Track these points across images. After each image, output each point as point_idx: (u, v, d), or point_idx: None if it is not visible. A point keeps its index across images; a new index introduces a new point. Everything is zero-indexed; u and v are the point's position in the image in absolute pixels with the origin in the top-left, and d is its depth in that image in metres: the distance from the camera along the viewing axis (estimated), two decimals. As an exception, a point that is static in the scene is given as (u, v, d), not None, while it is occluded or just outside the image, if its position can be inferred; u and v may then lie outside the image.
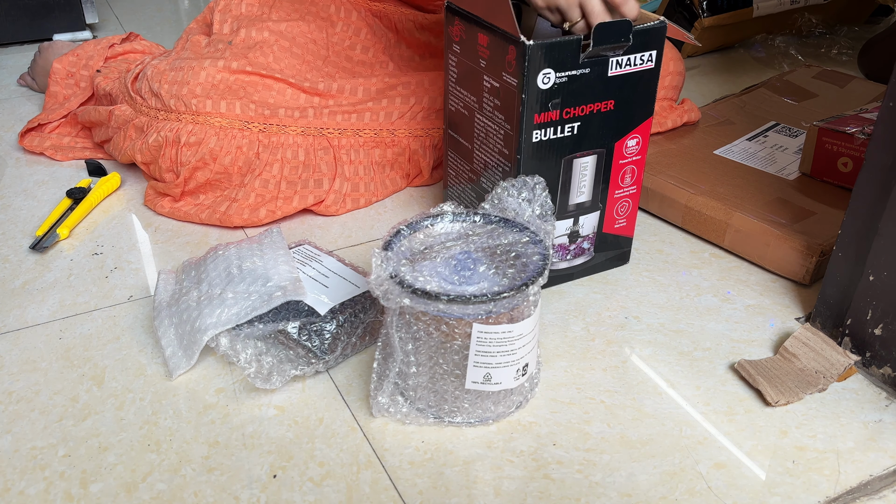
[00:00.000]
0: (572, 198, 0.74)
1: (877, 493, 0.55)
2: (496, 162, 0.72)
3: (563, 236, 0.75)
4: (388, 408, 0.59)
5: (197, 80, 0.86)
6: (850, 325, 0.67)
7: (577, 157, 0.71)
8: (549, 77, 0.65)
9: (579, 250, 0.77)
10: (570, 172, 0.72)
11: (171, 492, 0.54)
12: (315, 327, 0.64)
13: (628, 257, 0.81)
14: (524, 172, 0.69)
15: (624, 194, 0.76)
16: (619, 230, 0.78)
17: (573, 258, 0.77)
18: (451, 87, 0.77)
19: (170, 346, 0.66)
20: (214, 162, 0.85)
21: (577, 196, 0.74)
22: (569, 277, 0.78)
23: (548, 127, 0.68)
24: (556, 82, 0.66)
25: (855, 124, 0.86)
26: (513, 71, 0.65)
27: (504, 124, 0.69)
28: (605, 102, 0.69)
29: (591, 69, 0.67)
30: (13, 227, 0.87)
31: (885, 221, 0.61)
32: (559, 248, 0.76)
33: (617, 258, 0.80)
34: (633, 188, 0.76)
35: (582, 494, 0.54)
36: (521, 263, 0.57)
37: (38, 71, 1.22)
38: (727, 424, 0.61)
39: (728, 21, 1.36)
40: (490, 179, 0.75)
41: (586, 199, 0.74)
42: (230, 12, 0.95)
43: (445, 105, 0.79)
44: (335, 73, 0.93)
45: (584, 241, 0.77)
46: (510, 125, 0.68)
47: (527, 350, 0.58)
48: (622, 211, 0.77)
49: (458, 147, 0.79)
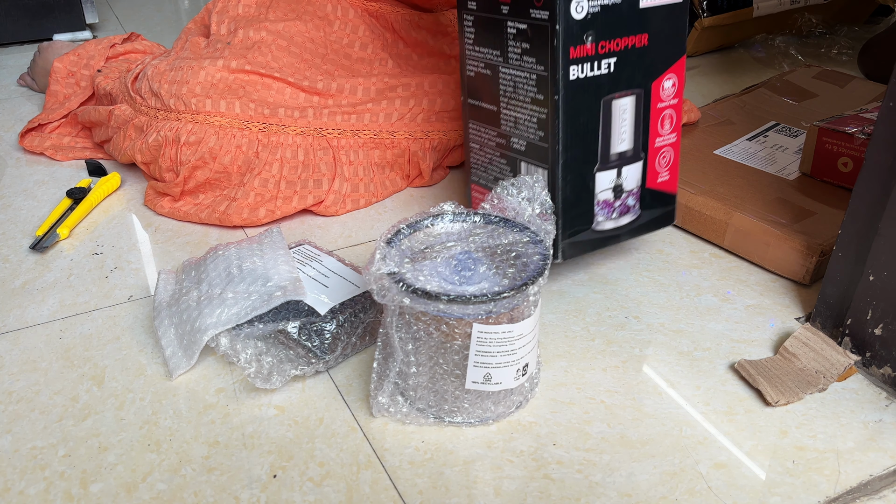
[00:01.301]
0: (614, 145, 0.71)
1: (877, 493, 0.55)
2: (528, 115, 0.70)
3: (608, 191, 0.72)
4: (388, 408, 0.59)
5: (196, 80, 0.86)
6: (850, 325, 0.67)
7: (615, 98, 0.69)
8: (583, 5, 0.64)
9: (625, 208, 0.74)
10: (610, 116, 0.69)
11: (171, 492, 0.54)
12: (315, 327, 0.64)
13: (673, 216, 0.78)
14: (563, 116, 0.67)
15: (664, 143, 0.73)
16: (663, 185, 0.75)
17: (619, 217, 0.74)
18: (468, 52, 0.75)
19: (170, 346, 0.66)
20: (214, 161, 0.85)
21: (619, 143, 0.71)
22: (615, 240, 0.75)
23: (584, 62, 0.66)
24: (590, 12, 0.64)
25: (855, 124, 0.86)
26: (542, 4, 0.64)
27: (536, 67, 0.67)
28: (639, 36, 0.68)
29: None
30: (13, 227, 0.87)
31: (885, 221, 0.61)
32: (604, 205, 0.72)
33: (663, 218, 0.77)
34: (674, 136, 0.74)
35: (582, 494, 0.54)
36: (522, 263, 0.57)
37: (37, 71, 1.22)
38: (727, 424, 0.61)
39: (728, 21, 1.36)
40: (522, 136, 0.72)
41: (628, 146, 0.71)
42: (227, 13, 0.95)
43: (463, 75, 0.77)
44: (334, 72, 0.93)
45: (629, 198, 0.73)
46: (543, 66, 0.66)
47: (527, 350, 0.58)
48: (664, 162, 0.74)
49: (480, 113, 0.76)
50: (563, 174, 0.69)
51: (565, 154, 0.69)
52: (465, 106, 0.78)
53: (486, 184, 0.80)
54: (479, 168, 0.80)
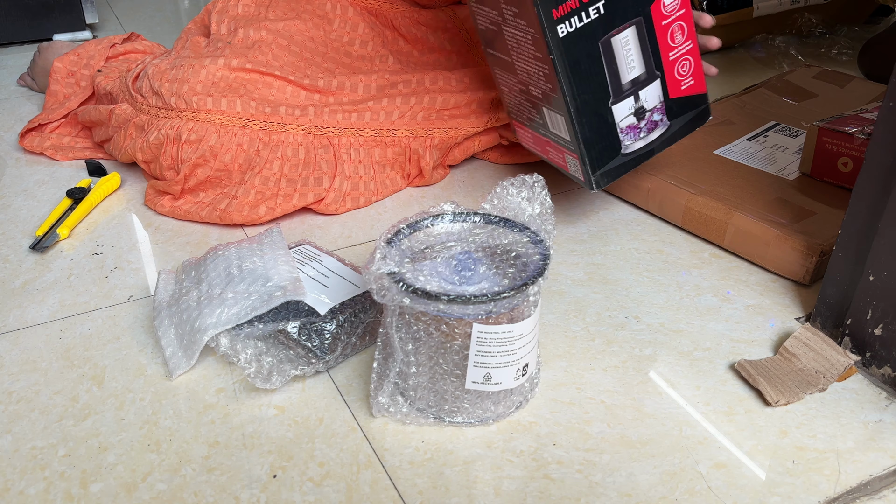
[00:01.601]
0: (624, 76, 0.71)
1: (877, 493, 0.55)
2: (535, 69, 0.71)
3: (629, 117, 0.73)
4: (388, 408, 0.59)
5: (197, 78, 0.86)
6: (850, 325, 0.67)
7: (613, 35, 0.69)
8: None
9: (652, 125, 0.75)
10: (612, 53, 0.70)
11: (171, 492, 0.54)
12: (315, 327, 0.64)
13: (708, 112, 0.79)
14: (563, 71, 0.67)
15: (680, 52, 0.74)
16: (689, 90, 0.76)
17: (647, 134, 0.75)
18: (474, 9, 0.76)
19: (170, 346, 0.66)
20: (215, 159, 0.85)
21: (629, 72, 0.72)
22: (649, 155, 0.77)
23: (571, 17, 0.66)
24: None
25: (855, 124, 0.86)
26: None
27: (528, 29, 0.68)
28: None
29: None
30: (13, 227, 0.87)
31: (885, 221, 0.61)
32: (630, 130, 0.74)
33: (697, 118, 0.78)
34: (689, 43, 0.74)
35: (582, 494, 0.54)
36: (522, 263, 0.57)
37: (37, 71, 1.22)
38: (727, 424, 0.61)
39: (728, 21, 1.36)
40: (536, 86, 0.73)
41: (640, 72, 0.72)
42: (227, 13, 0.95)
43: (476, 27, 0.78)
44: (335, 69, 0.93)
45: (653, 114, 0.75)
46: (534, 28, 0.67)
47: (527, 350, 0.58)
48: (684, 70, 0.75)
49: (499, 62, 0.77)
50: (577, 119, 0.71)
51: (575, 102, 0.70)
52: (488, 55, 0.80)
53: (524, 121, 0.83)
54: (514, 108, 0.82)
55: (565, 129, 0.73)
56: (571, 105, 0.70)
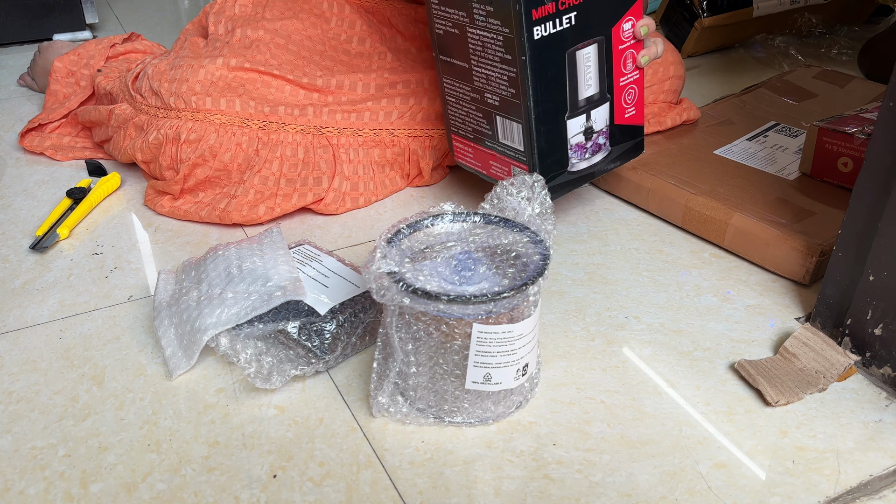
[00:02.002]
0: (581, 92, 0.74)
1: (877, 493, 0.55)
2: (499, 73, 0.72)
3: (579, 135, 0.76)
4: (388, 408, 0.59)
5: (196, 78, 0.86)
6: (850, 325, 0.67)
7: (578, 48, 0.71)
8: None
9: (596, 147, 0.78)
10: (576, 66, 0.72)
11: (171, 492, 0.54)
12: (315, 327, 0.64)
13: (643, 146, 0.82)
14: (531, 73, 0.69)
15: (628, 81, 0.77)
16: (630, 119, 0.79)
17: (591, 156, 0.78)
18: (434, 11, 0.77)
19: (170, 346, 0.66)
20: (214, 159, 0.85)
21: (586, 89, 0.74)
22: (589, 177, 0.79)
23: (546, 21, 0.68)
24: None
25: (855, 124, 0.86)
26: None
27: (501, 29, 0.69)
28: None
29: None
30: (13, 227, 0.87)
31: (885, 221, 0.61)
32: (577, 148, 0.76)
33: (632, 149, 0.81)
34: (636, 73, 0.77)
35: (582, 494, 0.54)
36: (522, 263, 0.57)
37: (37, 71, 1.22)
38: (727, 424, 0.61)
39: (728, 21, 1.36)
40: (495, 93, 0.74)
41: (594, 91, 0.75)
42: (224, 13, 0.95)
43: (431, 32, 0.79)
44: (334, 67, 0.93)
45: (599, 136, 0.77)
46: (508, 28, 0.68)
47: (527, 350, 0.58)
48: (629, 99, 0.78)
49: (453, 69, 0.78)
50: (536, 127, 0.73)
51: (537, 109, 0.72)
52: (438, 61, 0.81)
53: (466, 135, 0.83)
54: (458, 120, 0.83)
55: (519, 139, 0.75)
56: (533, 111, 0.72)
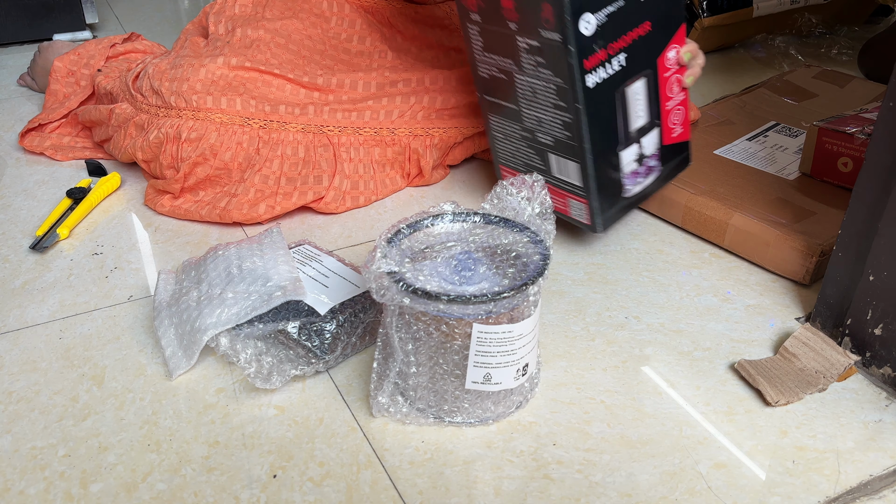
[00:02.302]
0: (632, 125, 0.75)
1: (877, 493, 0.55)
2: (552, 117, 0.73)
3: (633, 163, 0.77)
4: (388, 408, 0.59)
5: (197, 77, 0.86)
6: (850, 325, 0.67)
7: (628, 85, 0.73)
8: (590, 21, 0.66)
9: (648, 170, 0.79)
10: (626, 102, 0.73)
11: (171, 492, 0.54)
12: (315, 327, 0.64)
13: (689, 159, 0.84)
14: (587, 118, 0.70)
15: (675, 103, 0.78)
16: (678, 137, 0.81)
17: (644, 178, 0.79)
18: (477, 56, 0.77)
19: (170, 346, 0.66)
20: (214, 157, 0.85)
21: (637, 121, 0.75)
22: (645, 198, 0.81)
23: (598, 69, 0.69)
24: (597, 24, 0.67)
25: (855, 124, 0.86)
26: (552, 26, 0.66)
27: (553, 79, 0.70)
28: (642, 26, 0.71)
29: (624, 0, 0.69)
30: (13, 227, 0.87)
31: (885, 221, 0.61)
32: (631, 175, 0.78)
33: (681, 163, 0.83)
34: (682, 94, 0.79)
35: (582, 494, 0.54)
36: (522, 263, 0.57)
37: (37, 71, 1.22)
38: (727, 424, 0.61)
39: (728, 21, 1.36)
40: (548, 134, 0.75)
41: (645, 121, 0.76)
42: (224, 13, 0.95)
43: (475, 73, 0.79)
44: (334, 66, 0.93)
45: (650, 160, 0.79)
46: (561, 78, 0.69)
47: (527, 350, 0.58)
48: (677, 119, 0.79)
49: (501, 109, 0.79)
50: (593, 165, 0.73)
51: (594, 150, 0.73)
52: (483, 101, 0.81)
53: (517, 167, 0.83)
54: (506, 153, 0.83)
55: (576, 175, 0.76)
56: (590, 152, 0.73)
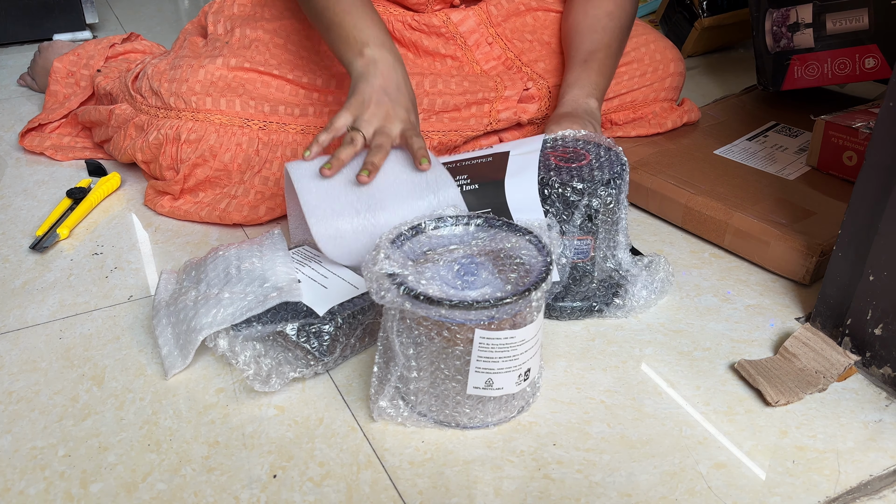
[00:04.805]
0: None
1: (877, 493, 0.55)
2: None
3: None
4: (389, 412, 0.59)
5: (196, 78, 0.86)
6: (850, 325, 0.67)
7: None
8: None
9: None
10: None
11: (171, 492, 0.54)
12: (314, 328, 0.64)
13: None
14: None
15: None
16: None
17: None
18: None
19: (166, 345, 0.66)
20: (214, 159, 0.85)
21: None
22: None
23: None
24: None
25: (862, 118, 0.86)
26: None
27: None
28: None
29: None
30: (13, 227, 0.87)
31: (885, 221, 0.61)
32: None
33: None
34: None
35: (582, 494, 0.54)
36: (524, 269, 0.57)
37: (38, 71, 1.22)
38: (727, 424, 0.61)
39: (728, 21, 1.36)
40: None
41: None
42: (223, 13, 0.95)
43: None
44: (332, 67, 0.93)
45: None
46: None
47: (529, 355, 0.57)
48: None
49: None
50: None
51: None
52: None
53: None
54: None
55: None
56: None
